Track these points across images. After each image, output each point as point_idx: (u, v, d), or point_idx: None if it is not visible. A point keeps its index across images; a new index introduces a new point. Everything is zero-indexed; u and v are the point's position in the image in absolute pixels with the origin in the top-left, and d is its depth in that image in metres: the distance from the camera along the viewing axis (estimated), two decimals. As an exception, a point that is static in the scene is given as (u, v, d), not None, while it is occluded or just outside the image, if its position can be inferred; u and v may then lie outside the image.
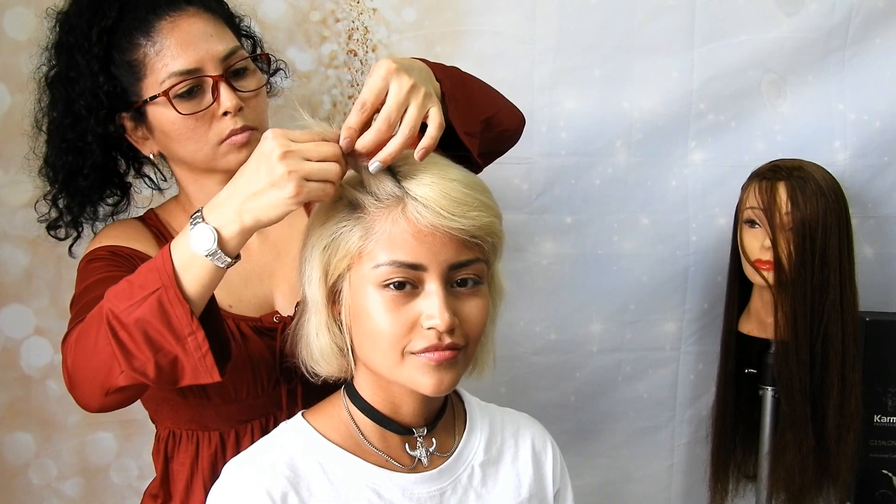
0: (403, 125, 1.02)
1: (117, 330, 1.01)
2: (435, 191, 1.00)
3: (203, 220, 1.01)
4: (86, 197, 1.32)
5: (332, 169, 0.99)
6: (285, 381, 1.24)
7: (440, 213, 0.99)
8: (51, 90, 1.29)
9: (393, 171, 1.04)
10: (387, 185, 1.02)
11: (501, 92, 1.41)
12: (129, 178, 1.38)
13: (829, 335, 1.68)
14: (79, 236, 1.36)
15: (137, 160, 1.37)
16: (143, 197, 1.44)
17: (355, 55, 1.77)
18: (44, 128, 1.31)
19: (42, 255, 1.66)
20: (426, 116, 1.05)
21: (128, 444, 1.78)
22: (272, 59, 1.40)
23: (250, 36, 1.40)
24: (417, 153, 1.02)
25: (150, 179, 1.41)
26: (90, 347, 1.05)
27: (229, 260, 1.02)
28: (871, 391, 1.78)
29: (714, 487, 1.88)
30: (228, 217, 1.00)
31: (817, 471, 1.74)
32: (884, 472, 1.81)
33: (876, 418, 1.80)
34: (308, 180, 0.97)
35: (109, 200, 1.36)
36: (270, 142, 0.98)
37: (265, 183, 0.98)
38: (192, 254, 1.00)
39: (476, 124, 1.23)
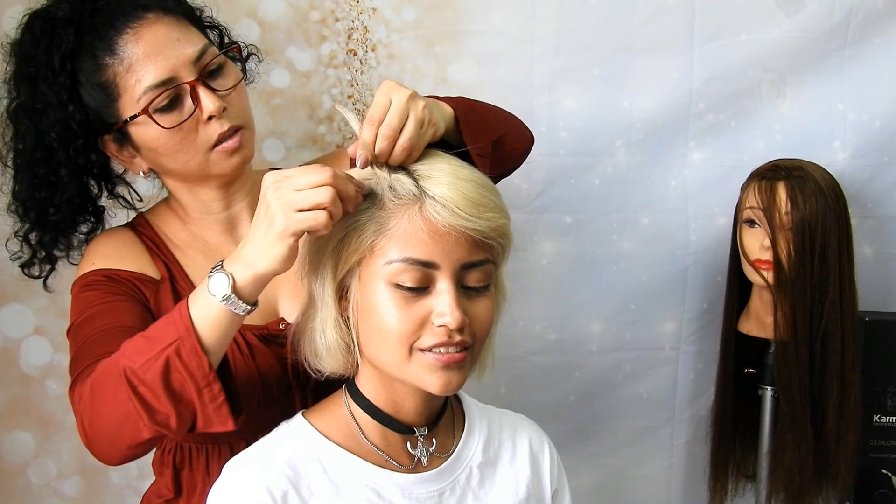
0: (405, 131, 1.04)
1: (136, 386, 1.01)
2: (453, 190, 1.01)
3: (222, 268, 1.02)
4: (59, 231, 1.26)
5: (321, 194, 0.96)
6: (299, 389, 1.23)
7: (457, 213, 1.00)
8: (14, 123, 1.21)
9: (408, 169, 1.05)
10: (404, 184, 1.03)
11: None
12: (102, 201, 1.32)
13: (829, 335, 1.68)
14: (53, 269, 1.30)
15: (110, 181, 1.32)
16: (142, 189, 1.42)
17: (355, 55, 1.77)
18: (9, 163, 1.23)
19: (41, 254, 1.66)
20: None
21: (127, 443, 1.78)
22: (242, 46, 1.34)
23: (215, 26, 1.33)
24: (397, 150, 1.04)
25: (125, 200, 1.35)
26: (108, 404, 1.03)
27: (247, 307, 1.02)
28: (870, 391, 1.78)
29: (713, 487, 1.88)
30: (241, 263, 1.01)
31: (817, 470, 1.73)
32: (883, 471, 1.81)
33: (875, 418, 1.80)
34: (298, 210, 0.97)
35: (83, 228, 1.30)
36: (266, 180, 0.99)
37: (263, 221, 0.99)
38: (210, 302, 1.01)
39: (487, 146, 1.24)
